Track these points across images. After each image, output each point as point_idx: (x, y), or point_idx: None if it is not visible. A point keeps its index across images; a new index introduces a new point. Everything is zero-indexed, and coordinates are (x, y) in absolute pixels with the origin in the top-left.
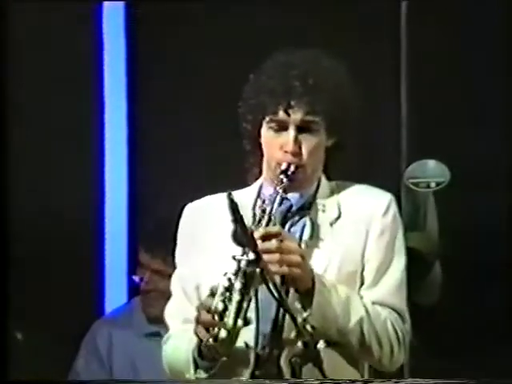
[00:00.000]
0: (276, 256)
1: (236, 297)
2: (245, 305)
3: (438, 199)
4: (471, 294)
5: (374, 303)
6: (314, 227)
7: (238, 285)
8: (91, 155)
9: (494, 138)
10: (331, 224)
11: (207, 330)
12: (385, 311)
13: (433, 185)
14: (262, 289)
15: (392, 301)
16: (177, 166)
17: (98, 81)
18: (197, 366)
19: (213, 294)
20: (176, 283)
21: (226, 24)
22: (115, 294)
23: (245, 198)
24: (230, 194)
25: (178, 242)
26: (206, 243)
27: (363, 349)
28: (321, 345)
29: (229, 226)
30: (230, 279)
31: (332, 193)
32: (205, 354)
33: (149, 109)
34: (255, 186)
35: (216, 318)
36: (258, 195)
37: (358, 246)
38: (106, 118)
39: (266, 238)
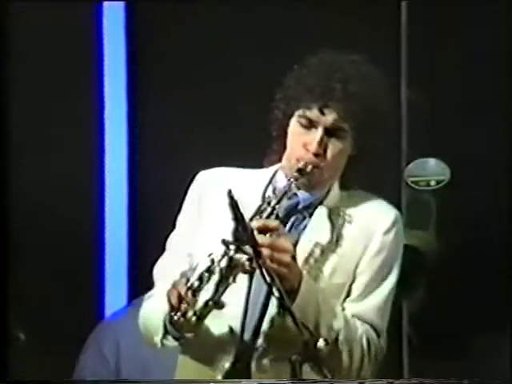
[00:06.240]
0: (267, 251)
1: (214, 278)
2: (221, 289)
3: (437, 197)
4: (470, 293)
5: (354, 316)
6: (318, 232)
7: (219, 268)
8: (91, 156)
9: (494, 137)
10: (334, 232)
11: (178, 300)
12: (363, 327)
13: (433, 183)
14: (256, 275)
15: (373, 318)
16: (177, 166)
17: (98, 80)
18: (166, 333)
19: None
20: (172, 244)
21: (225, 23)
22: (115, 296)
23: (258, 179)
24: (230, 192)
25: (184, 205)
26: (210, 214)
27: (332, 356)
28: (320, 343)
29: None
30: (213, 260)
31: (342, 200)
32: (174, 324)
33: (149, 108)
34: (270, 171)
35: (189, 293)
36: (270, 181)
37: (353, 259)
38: (105, 117)
39: (262, 230)
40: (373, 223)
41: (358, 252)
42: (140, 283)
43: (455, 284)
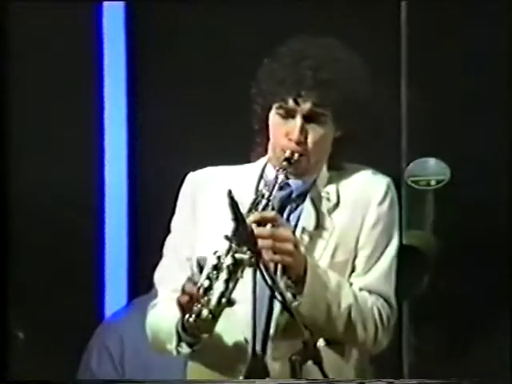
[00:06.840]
0: (269, 242)
1: (223, 276)
2: (231, 285)
3: (437, 197)
4: (470, 292)
5: (362, 289)
6: (314, 216)
7: (226, 264)
8: (91, 156)
9: (494, 137)
10: (329, 212)
11: (190, 303)
12: (372, 297)
13: (433, 183)
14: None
15: (380, 287)
16: (177, 166)
17: (98, 80)
18: (180, 340)
19: (200, 267)
20: (170, 249)
21: (225, 23)
22: (115, 296)
23: (248, 174)
24: (230, 192)
25: (177, 208)
26: (205, 214)
27: (348, 333)
28: (321, 343)
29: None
30: (219, 258)
31: (332, 180)
32: (188, 329)
33: (149, 108)
34: (259, 165)
35: (200, 293)
36: (261, 175)
37: (353, 234)
38: (105, 117)
39: (260, 222)
40: (366, 195)
41: (356, 227)
42: (140, 283)
43: (455, 284)
